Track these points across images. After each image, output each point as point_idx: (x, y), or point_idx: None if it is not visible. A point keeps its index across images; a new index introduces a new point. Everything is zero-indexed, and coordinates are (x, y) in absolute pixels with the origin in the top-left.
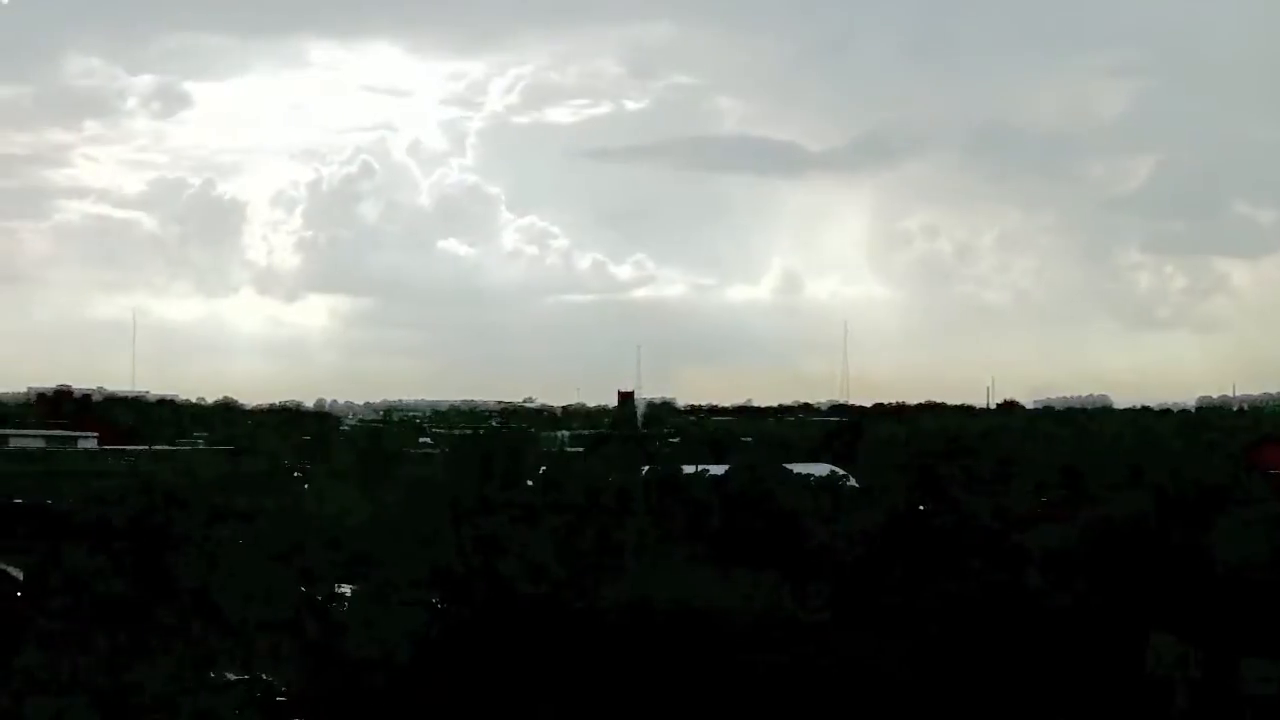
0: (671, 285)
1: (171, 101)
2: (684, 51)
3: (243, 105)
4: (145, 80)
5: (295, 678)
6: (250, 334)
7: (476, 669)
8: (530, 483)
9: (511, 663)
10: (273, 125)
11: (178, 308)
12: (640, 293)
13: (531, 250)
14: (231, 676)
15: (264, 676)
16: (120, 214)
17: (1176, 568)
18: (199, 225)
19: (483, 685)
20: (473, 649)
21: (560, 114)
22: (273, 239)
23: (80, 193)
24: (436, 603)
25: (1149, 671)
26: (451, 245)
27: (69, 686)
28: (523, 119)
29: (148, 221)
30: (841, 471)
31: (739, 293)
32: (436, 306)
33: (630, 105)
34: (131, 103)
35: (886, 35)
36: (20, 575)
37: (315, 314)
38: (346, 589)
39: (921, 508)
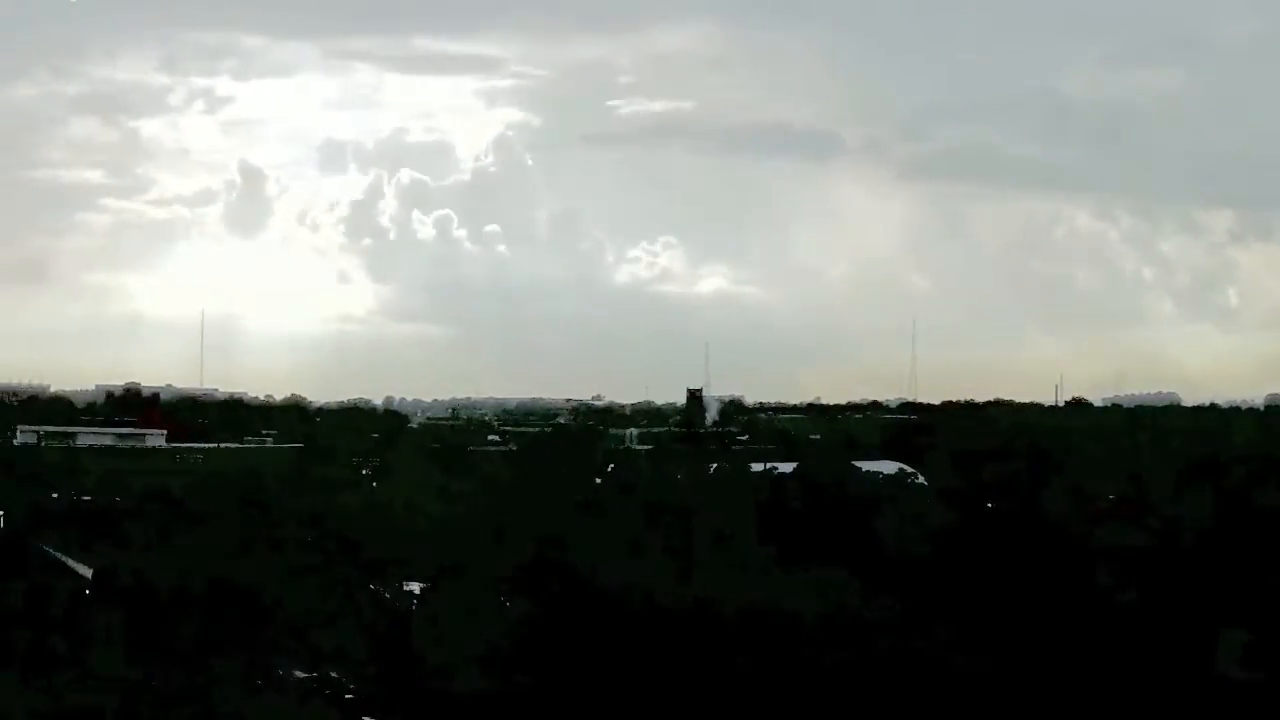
0: (739, 283)
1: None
2: (725, 55)
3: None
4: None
5: (363, 676)
6: (318, 332)
7: (546, 666)
8: (599, 480)
9: (581, 660)
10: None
11: (244, 306)
12: (710, 290)
13: (601, 249)
14: (300, 674)
15: (332, 674)
16: (185, 213)
17: (1246, 565)
18: (262, 224)
19: (552, 682)
20: (542, 647)
21: (625, 113)
22: (335, 237)
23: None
24: (505, 601)
25: (1218, 668)
26: (519, 244)
27: (139, 685)
28: (587, 116)
29: (212, 220)
30: (910, 469)
31: (807, 290)
32: (504, 304)
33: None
34: (191, 101)
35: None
36: (89, 573)
37: (383, 312)
38: (415, 586)
39: (990, 505)
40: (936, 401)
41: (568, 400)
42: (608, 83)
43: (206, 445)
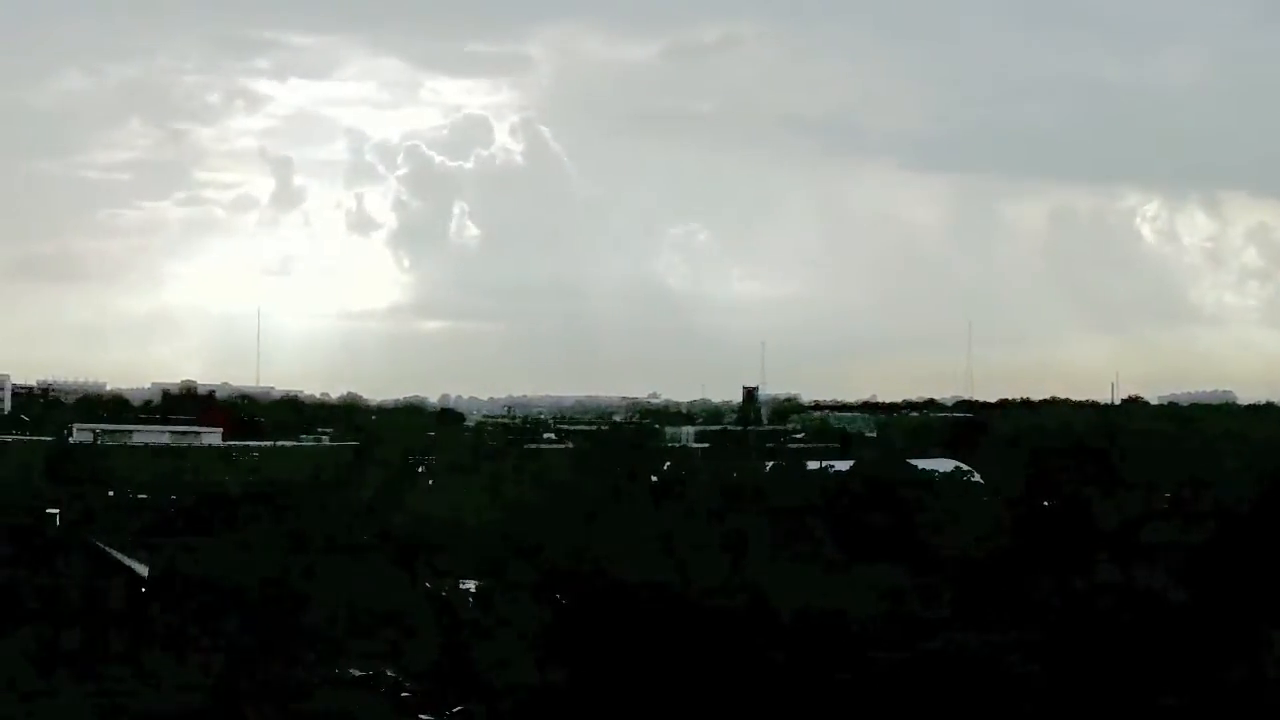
0: (793, 280)
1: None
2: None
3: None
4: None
5: (420, 674)
6: (374, 330)
7: (599, 665)
8: (654, 479)
9: (635, 659)
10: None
11: (300, 306)
12: (765, 287)
13: (658, 248)
14: (357, 672)
15: (388, 673)
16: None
17: None
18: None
19: (606, 681)
20: (596, 645)
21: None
22: (389, 235)
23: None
24: (560, 599)
25: (1268, 667)
26: (570, 242)
27: (196, 684)
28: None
29: (264, 217)
30: (965, 467)
31: (858, 288)
32: (560, 302)
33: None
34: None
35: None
36: (145, 571)
37: (437, 311)
38: (471, 585)
39: (1045, 503)
40: (992, 399)
41: (624, 398)
42: (645, 78)
43: (262, 444)
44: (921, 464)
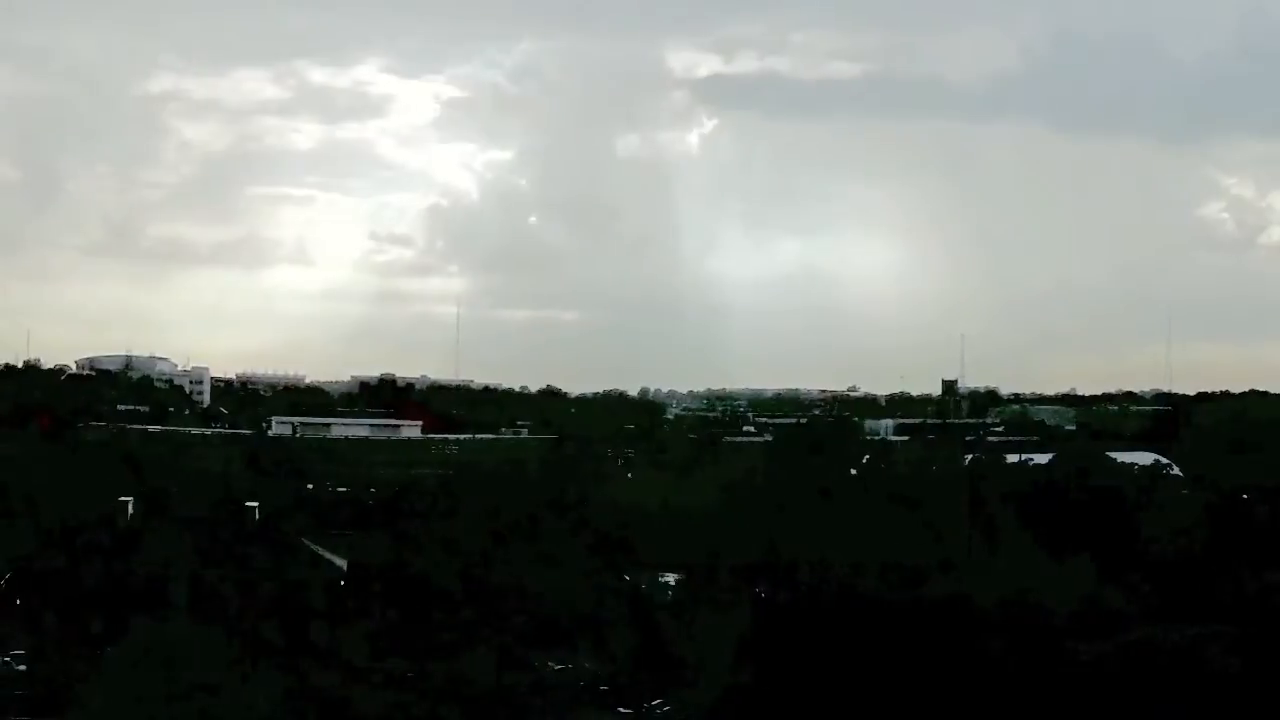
0: (990, 271)
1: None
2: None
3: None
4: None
5: (619, 667)
6: (570, 322)
7: (797, 658)
8: (854, 471)
9: (833, 652)
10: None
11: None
12: (961, 278)
13: (858, 238)
14: (555, 666)
15: (586, 665)
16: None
17: None
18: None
19: (804, 674)
20: (794, 638)
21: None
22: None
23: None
24: (760, 592)
25: None
26: (762, 232)
27: (393, 677)
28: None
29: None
30: (1165, 460)
31: (1057, 279)
32: (759, 293)
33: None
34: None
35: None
36: (344, 565)
37: (635, 303)
38: (670, 578)
39: (1245, 497)
40: (1191, 391)
41: (823, 391)
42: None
43: (462, 436)
44: (1121, 457)
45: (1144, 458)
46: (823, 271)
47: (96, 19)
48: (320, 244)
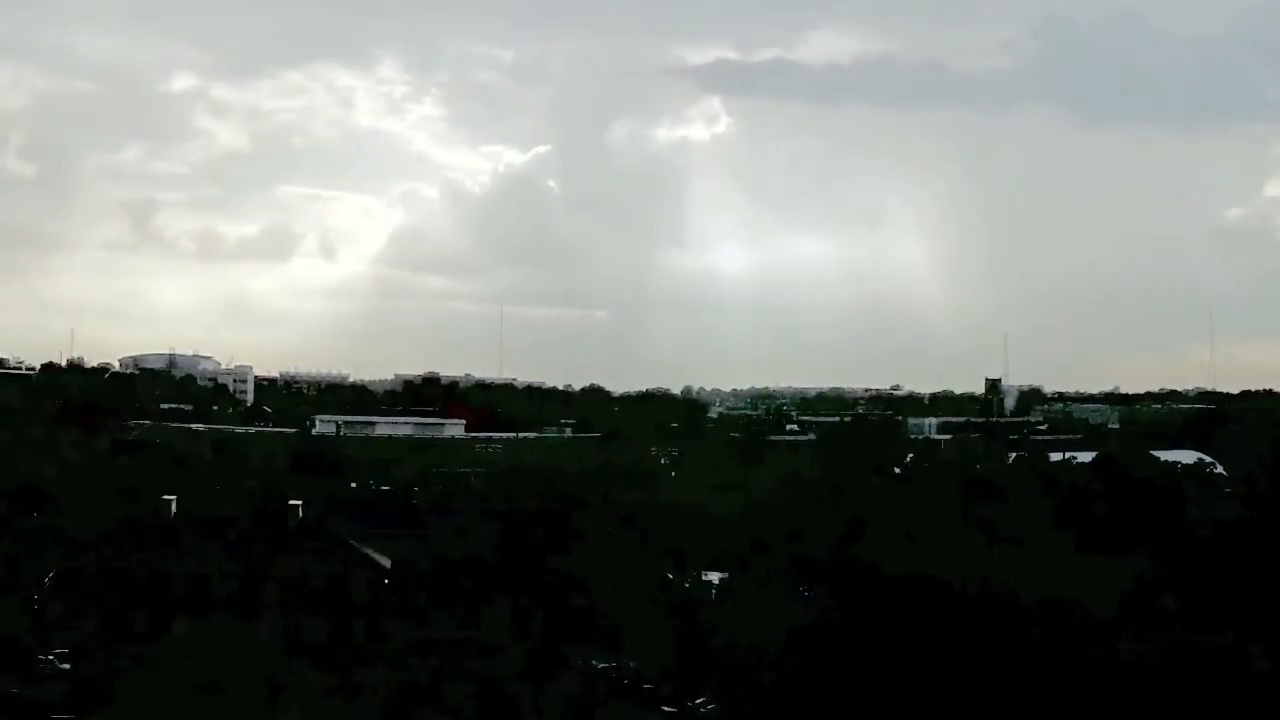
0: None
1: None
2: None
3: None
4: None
5: (663, 665)
6: (612, 321)
7: (842, 655)
8: (898, 470)
9: (877, 648)
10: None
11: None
12: (1006, 277)
13: (895, 234)
14: (598, 664)
15: (631, 663)
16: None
17: None
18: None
19: (848, 671)
20: (839, 635)
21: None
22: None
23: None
24: (804, 590)
25: None
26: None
27: (438, 672)
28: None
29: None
30: (1208, 459)
31: (1105, 275)
32: (805, 291)
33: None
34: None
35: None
36: (388, 563)
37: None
38: (714, 576)
39: None
40: (1234, 390)
41: (866, 390)
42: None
43: (505, 435)
44: (1164, 455)
45: (1187, 456)
46: (861, 268)
47: (124, 20)
48: (346, 241)
